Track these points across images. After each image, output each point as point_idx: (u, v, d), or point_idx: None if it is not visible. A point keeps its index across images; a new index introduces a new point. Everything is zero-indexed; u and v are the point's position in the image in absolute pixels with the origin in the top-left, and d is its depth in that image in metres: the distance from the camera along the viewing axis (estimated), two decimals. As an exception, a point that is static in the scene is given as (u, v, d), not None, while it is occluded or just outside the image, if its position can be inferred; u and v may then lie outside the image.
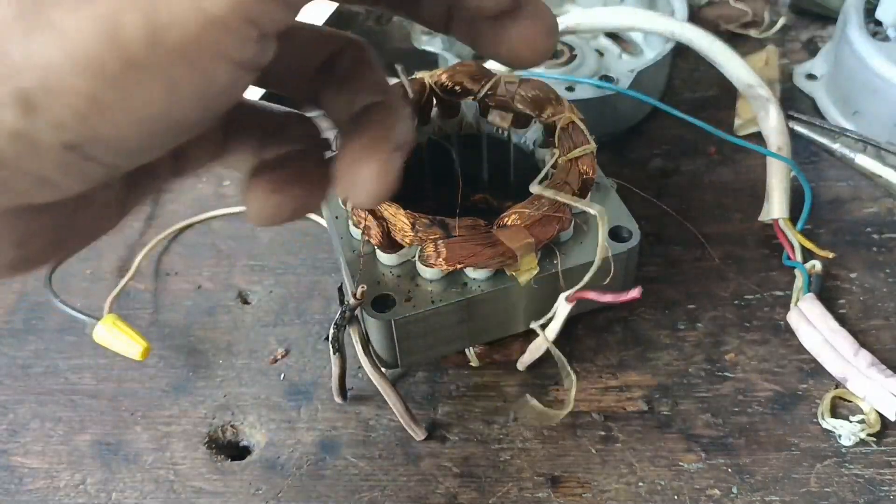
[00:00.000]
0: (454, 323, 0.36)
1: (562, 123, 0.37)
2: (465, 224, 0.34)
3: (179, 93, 0.20)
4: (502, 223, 0.34)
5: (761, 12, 0.59)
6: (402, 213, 0.34)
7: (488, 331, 0.37)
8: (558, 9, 0.58)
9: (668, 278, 0.43)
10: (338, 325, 0.35)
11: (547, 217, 0.34)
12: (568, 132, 0.37)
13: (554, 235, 0.35)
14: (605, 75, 0.48)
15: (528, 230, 0.34)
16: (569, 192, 0.35)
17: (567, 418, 0.38)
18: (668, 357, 0.40)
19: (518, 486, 0.36)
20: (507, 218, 0.34)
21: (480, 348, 0.39)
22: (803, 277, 0.41)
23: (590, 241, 0.36)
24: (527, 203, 0.34)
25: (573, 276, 0.34)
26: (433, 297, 0.35)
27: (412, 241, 0.34)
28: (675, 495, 0.35)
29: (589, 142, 0.37)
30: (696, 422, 0.37)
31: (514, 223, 0.34)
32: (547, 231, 0.34)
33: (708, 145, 0.50)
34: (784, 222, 0.43)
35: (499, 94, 0.39)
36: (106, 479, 0.37)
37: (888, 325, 0.40)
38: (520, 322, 0.37)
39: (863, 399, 0.37)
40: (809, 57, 0.56)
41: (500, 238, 0.33)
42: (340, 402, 0.39)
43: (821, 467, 0.36)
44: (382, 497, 0.36)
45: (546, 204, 0.34)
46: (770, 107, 0.45)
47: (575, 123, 0.37)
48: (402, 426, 0.37)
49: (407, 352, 0.36)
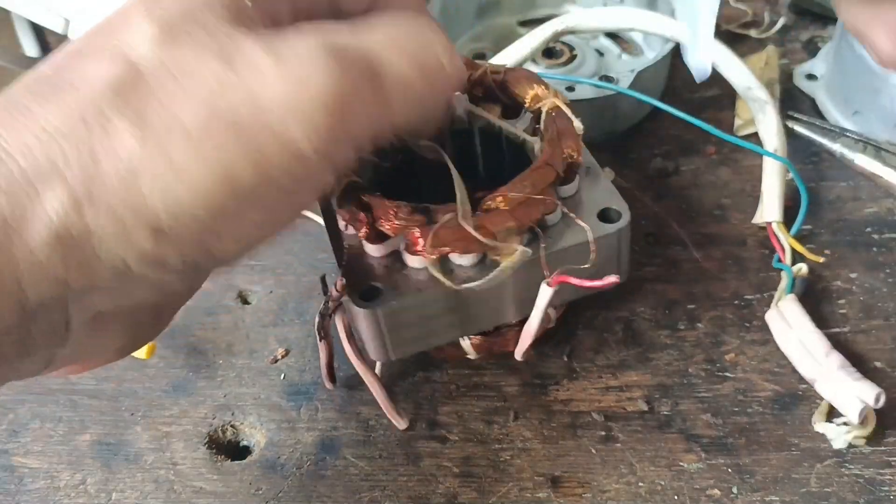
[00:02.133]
0: (443, 311, 0.35)
1: (546, 108, 0.37)
2: (448, 210, 0.34)
3: (279, 216, 0.26)
4: (485, 208, 0.34)
5: (761, 12, 0.59)
6: (385, 202, 0.34)
7: (480, 319, 0.37)
8: (558, 8, 0.58)
9: (668, 278, 0.43)
10: (322, 315, 0.36)
11: (530, 200, 0.34)
12: (552, 117, 0.37)
13: (538, 218, 0.34)
14: (606, 75, 0.48)
15: (510, 214, 0.33)
16: (552, 175, 0.35)
17: (567, 418, 0.38)
18: (668, 357, 0.40)
19: (518, 486, 0.36)
20: (491, 201, 0.34)
21: (476, 339, 0.39)
22: (788, 278, 0.41)
23: (577, 225, 0.36)
24: (509, 186, 0.34)
25: (562, 260, 0.34)
26: (420, 286, 0.34)
27: (395, 229, 0.34)
28: (675, 495, 0.35)
29: (573, 124, 0.36)
30: (696, 422, 0.37)
31: (498, 207, 0.34)
32: (530, 214, 0.34)
33: (707, 145, 0.50)
34: (777, 225, 0.43)
35: (486, 85, 0.39)
36: (106, 479, 0.37)
37: (888, 325, 0.40)
38: (511, 310, 0.37)
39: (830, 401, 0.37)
40: (809, 57, 0.56)
41: (483, 223, 0.33)
42: (331, 387, 0.39)
43: (821, 467, 0.36)
44: (382, 497, 0.36)
45: (528, 187, 0.34)
46: (768, 109, 0.45)
47: (560, 108, 0.37)
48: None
49: (397, 343, 0.36)
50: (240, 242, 0.25)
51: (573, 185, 0.37)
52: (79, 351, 0.26)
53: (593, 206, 0.36)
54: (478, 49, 0.56)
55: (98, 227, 0.22)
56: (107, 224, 0.22)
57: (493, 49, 0.55)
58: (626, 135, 0.51)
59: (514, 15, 0.58)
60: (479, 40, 0.57)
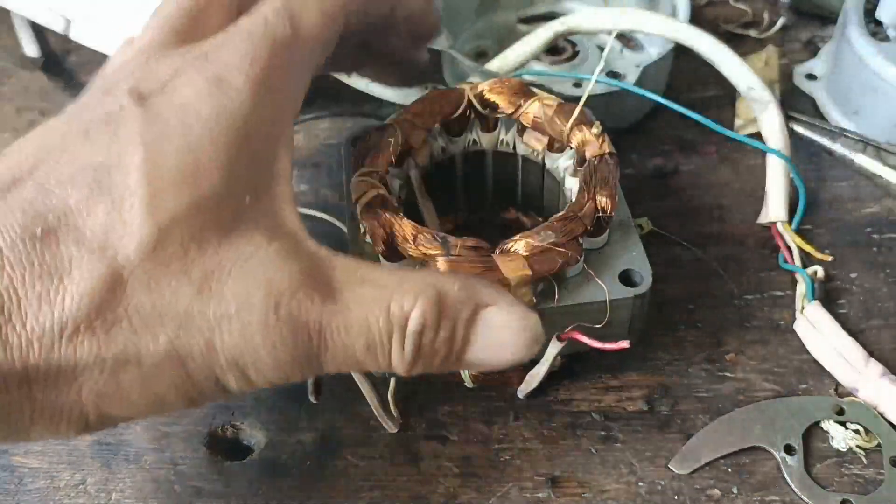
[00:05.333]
0: None
1: (590, 155, 0.36)
2: (467, 244, 0.33)
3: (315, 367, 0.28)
4: (504, 249, 0.33)
5: (761, 12, 0.59)
6: (406, 224, 0.33)
7: None
8: (558, 5, 0.58)
9: (668, 278, 0.43)
10: None
11: (551, 250, 0.33)
12: (593, 165, 0.36)
13: (555, 270, 0.33)
14: (613, 71, 0.48)
15: (528, 261, 0.33)
16: (580, 228, 0.34)
17: (567, 418, 0.38)
18: (668, 357, 0.40)
19: (518, 486, 0.36)
20: (512, 244, 0.33)
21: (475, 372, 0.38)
22: (806, 283, 0.41)
23: (595, 281, 0.34)
24: (533, 232, 0.33)
25: (576, 313, 0.33)
26: None
27: (413, 253, 0.33)
28: (675, 495, 0.35)
29: (611, 179, 0.35)
30: (696, 422, 0.37)
31: (516, 251, 0.33)
32: (548, 265, 0.33)
33: (708, 145, 0.50)
34: (782, 225, 0.43)
35: (535, 116, 0.38)
36: (106, 479, 0.37)
37: (888, 325, 0.40)
38: None
39: (875, 408, 0.37)
40: (809, 57, 0.56)
41: (498, 264, 0.32)
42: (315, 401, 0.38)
43: (821, 467, 0.36)
44: (382, 497, 0.36)
45: (552, 236, 0.33)
46: (770, 109, 0.45)
47: (605, 158, 0.36)
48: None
49: None
50: (290, 374, 0.28)
51: (601, 238, 0.36)
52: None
53: (618, 263, 0.35)
54: (479, 47, 0.56)
55: (39, 424, 0.26)
56: (47, 423, 0.26)
57: (494, 47, 0.55)
58: (626, 134, 0.51)
59: (513, 12, 0.58)
60: (480, 38, 0.57)
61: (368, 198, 0.34)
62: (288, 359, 0.27)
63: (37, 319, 0.25)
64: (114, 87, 0.29)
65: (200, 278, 0.26)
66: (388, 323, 0.28)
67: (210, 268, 0.26)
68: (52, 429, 0.26)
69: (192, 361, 0.26)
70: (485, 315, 0.29)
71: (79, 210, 0.26)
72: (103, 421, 0.27)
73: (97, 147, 0.27)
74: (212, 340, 0.26)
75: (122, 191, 0.26)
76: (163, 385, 0.26)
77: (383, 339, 0.28)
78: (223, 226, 0.27)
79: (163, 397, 0.27)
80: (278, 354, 0.27)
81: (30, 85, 0.57)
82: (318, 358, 0.28)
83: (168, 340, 0.26)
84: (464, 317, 0.29)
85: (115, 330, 0.25)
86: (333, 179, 0.49)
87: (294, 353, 0.27)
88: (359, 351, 0.28)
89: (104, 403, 0.26)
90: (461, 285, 0.29)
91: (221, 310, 0.26)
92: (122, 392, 0.26)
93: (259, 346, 0.26)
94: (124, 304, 0.25)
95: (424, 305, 0.28)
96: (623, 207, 0.37)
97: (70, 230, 0.25)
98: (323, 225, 0.46)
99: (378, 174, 0.36)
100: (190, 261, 0.26)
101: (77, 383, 0.25)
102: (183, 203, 0.26)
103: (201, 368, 0.26)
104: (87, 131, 0.27)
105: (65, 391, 0.25)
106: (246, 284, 0.26)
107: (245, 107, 0.28)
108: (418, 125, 0.38)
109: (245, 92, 0.28)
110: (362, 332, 0.28)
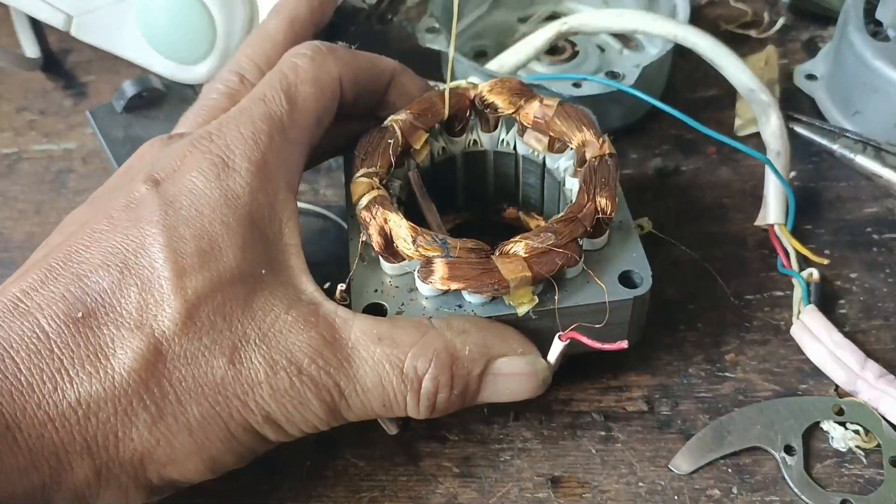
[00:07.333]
0: None
1: (590, 156, 0.36)
2: (467, 246, 0.33)
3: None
4: (504, 250, 0.33)
5: (761, 12, 0.59)
6: (405, 225, 0.33)
7: None
8: (558, 5, 0.58)
9: (668, 278, 0.43)
10: None
11: (551, 252, 0.33)
12: (593, 166, 0.36)
13: (554, 271, 0.33)
14: (611, 71, 0.48)
15: (527, 262, 0.32)
16: (580, 230, 0.34)
17: (567, 418, 0.38)
18: (668, 357, 0.40)
19: (518, 486, 0.36)
20: (511, 245, 0.33)
21: None
22: (802, 287, 0.41)
23: (595, 282, 0.34)
24: (532, 234, 0.33)
25: (576, 314, 0.33)
26: (425, 314, 0.33)
27: (411, 254, 0.33)
28: (675, 495, 0.35)
29: (611, 181, 0.35)
30: (696, 422, 0.37)
31: (516, 253, 0.33)
32: (548, 266, 0.33)
33: (708, 145, 0.50)
34: (779, 228, 0.43)
35: (536, 116, 0.38)
36: (106, 479, 0.37)
37: (888, 325, 0.40)
38: None
39: (874, 409, 0.37)
40: (809, 57, 0.56)
41: (497, 266, 0.32)
42: None
43: (821, 467, 0.36)
44: (382, 497, 0.36)
45: (552, 237, 0.33)
46: (770, 111, 0.45)
47: (605, 158, 0.36)
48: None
49: None
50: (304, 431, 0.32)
51: (601, 240, 0.35)
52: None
53: (618, 264, 0.35)
54: (479, 47, 0.56)
55: (107, 493, 0.29)
56: (115, 491, 0.29)
57: (494, 47, 0.55)
58: (626, 134, 0.51)
59: (513, 11, 0.58)
60: (479, 38, 0.57)
61: (368, 198, 0.34)
62: (313, 415, 0.31)
63: (90, 395, 0.27)
64: (132, 172, 0.33)
65: (230, 349, 0.29)
66: (402, 384, 0.31)
67: (237, 339, 0.29)
68: (119, 495, 0.29)
69: (232, 422, 0.30)
70: (495, 366, 0.32)
71: (113, 292, 0.29)
72: (166, 486, 0.30)
73: (120, 232, 0.30)
74: (247, 403, 0.29)
75: (150, 272, 0.29)
76: (214, 448, 0.30)
77: (398, 398, 0.31)
78: (243, 298, 0.30)
79: (216, 458, 0.30)
80: (305, 412, 0.30)
81: (30, 85, 0.57)
82: (340, 412, 0.31)
83: (210, 406, 0.29)
84: (475, 374, 0.32)
85: (163, 403, 0.28)
86: (333, 179, 0.49)
87: (318, 410, 0.31)
88: (376, 407, 0.31)
89: (164, 470, 0.29)
90: (473, 344, 0.31)
91: (252, 377, 0.29)
92: (178, 457, 0.29)
93: (287, 404, 0.30)
94: (167, 377, 0.28)
95: (437, 370, 0.31)
96: (623, 208, 0.37)
97: (108, 310, 0.28)
98: (323, 225, 0.46)
99: (378, 174, 0.36)
100: (218, 332, 0.29)
101: (137, 453, 0.28)
102: (206, 281, 0.29)
103: (242, 427, 0.30)
104: (110, 217, 0.30)
105: (127, 460, 0.28)
106: (270, 352, 0.29)
107: (248, 190, 0.31)
108: (418, 125, 0.38)
109: (247, 176, 0.31)
110: (378, 393, 0.31)
